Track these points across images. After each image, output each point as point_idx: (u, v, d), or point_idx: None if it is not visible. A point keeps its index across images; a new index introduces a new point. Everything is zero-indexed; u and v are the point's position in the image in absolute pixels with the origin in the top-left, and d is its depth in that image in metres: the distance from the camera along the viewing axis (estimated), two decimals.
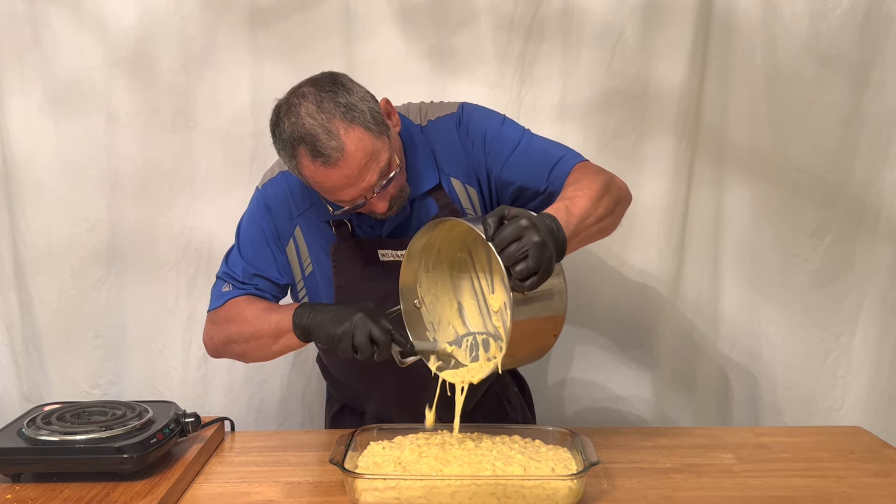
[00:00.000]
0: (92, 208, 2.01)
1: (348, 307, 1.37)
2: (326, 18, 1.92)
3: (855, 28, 1.87)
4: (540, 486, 1.23)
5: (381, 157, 1.35)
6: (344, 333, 1.32)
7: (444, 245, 1.40)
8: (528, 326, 1.25)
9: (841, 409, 2.06)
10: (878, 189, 1.97)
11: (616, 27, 1.89)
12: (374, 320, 1.32)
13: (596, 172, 1.44)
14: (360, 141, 1.32)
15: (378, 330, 1.31)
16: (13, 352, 2.11)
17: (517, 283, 1.18)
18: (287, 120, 1.34)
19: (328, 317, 1.36)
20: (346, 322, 1.32)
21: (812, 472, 1.40)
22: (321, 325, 1.36)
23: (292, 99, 1.35)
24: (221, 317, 1.54)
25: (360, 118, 1.33)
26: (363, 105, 1.34)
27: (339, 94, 1.34)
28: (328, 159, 1.31)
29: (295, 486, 1.35)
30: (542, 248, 1.17)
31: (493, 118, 1.55)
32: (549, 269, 1.18)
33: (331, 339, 1.34)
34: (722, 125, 1.97)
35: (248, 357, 1.57)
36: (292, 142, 1.33)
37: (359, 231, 1.52)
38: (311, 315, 1.39)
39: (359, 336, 1.31)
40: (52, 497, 1.26)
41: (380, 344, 1.31)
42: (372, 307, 1.35)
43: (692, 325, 2.07)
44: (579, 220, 1.30)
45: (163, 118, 1.97)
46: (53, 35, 1.93)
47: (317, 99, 1.33)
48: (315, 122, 1.31)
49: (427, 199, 1.50)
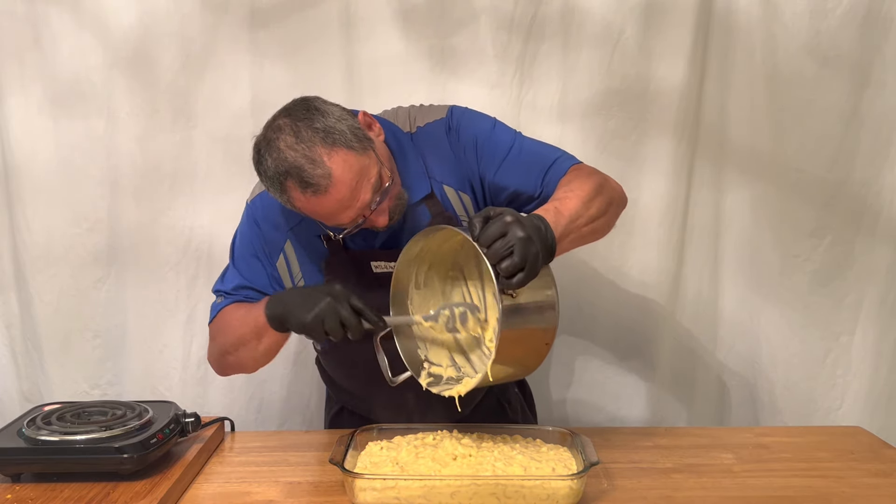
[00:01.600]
0: (92, 208, 2.01)
1: (316, 290, 1.33)
2: (326, 18, 1.92)
3: (855, 28, 1.87)
4: (540, 486, 1.23)
5: (370, 173, 1.33)
6: (314, 320, 1.29)
7: (435, 262, 1.39)
8: (517, 334, 1.23)
9: (841, 409, 2.07)
10: (878, 189, 1.97)
11: (616, 27, 1.89)
12: (341, 302, 1.29)
13: (589, 174, 1.44)
14: (345, 163, 1.30)
15: (346, 312, 1.28)
16: (13, 352, 2.11)
17: (504, 281, 1.17)
18: (269, 157, 1.32)
19: (297, 303, 1.33)
20: (315, 308, 1.29)
21: (812, 472, 1.39)
22: (292, 312, 1.33)
23: (269, 134, 1.33)
24: (213, 331, 1.54)
25: (340, 139, 1.30)
26: (341, 125, 1.32)
27: (315, 120, 1.31)
28: (318, 188, 1.29)
29: (295, 486, 1.35)
30: (527, 242, 1.16)
31: (483, 122, 1.53)
32: (535, 264, 1.17)
33: (303, 327, 1.32)
34: (722, 125, 1.97)
35: (243, 366, 1.54)
36: (278, 177, 1.31)
37: (351, 244, 1.50)
38: (280, 304, 1.36)
39: (329, 321, 1.29)
40: (52, 497, 1.26)
41: (350, 326, 1.29)
42: (339, 289, 1.31)
43: (692, 324, 2.07)
44: (569, 221, 1.29)
45: (163, 118, 1.97)
46: (53, 35, 1.93)
47: (293, 129, 1.31)
48: (297, 153, 1.29)
49: (419, 208, 1.48)
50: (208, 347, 1.56)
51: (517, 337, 1.24)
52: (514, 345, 1.24)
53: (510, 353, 1.25)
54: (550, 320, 1.28)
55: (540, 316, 1.27)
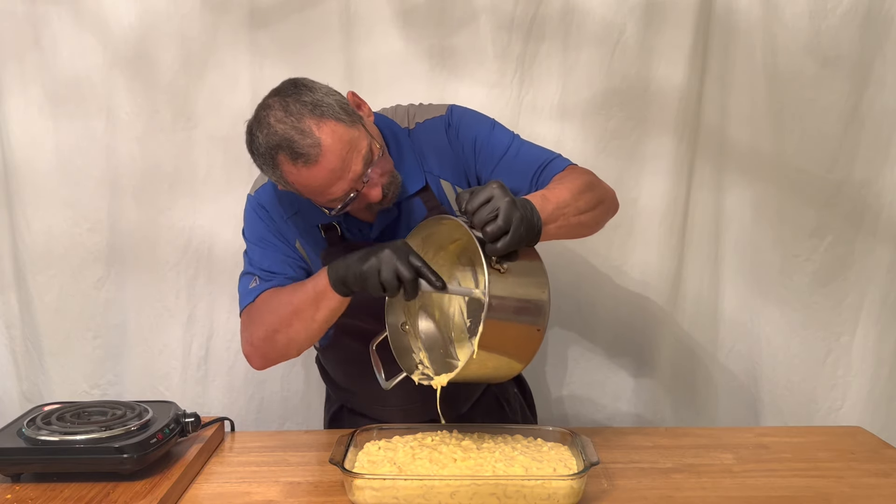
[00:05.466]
0: (92, 208, 2.01)
1: (378, 246, 1.29)
2: (326, 18, 1.92)
3: (855, 28, 1.87)
4: (540, 485, 1.23)
5: (360, 145, 1.34)
6: (369, 269, 1.25)
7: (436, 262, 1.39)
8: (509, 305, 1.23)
9: (841, 409, 2.06)
10: (878, 189, 1.97)
11: (616, 27, 1.89)
12: (400, 257, 1.25)
13: (581, 173, 1.46)
14: (334, 133, 1.32)
15: (404, 267, 1.23)
16: (13, 352, 2.11)
17: (491, 247, 1.20)
18: (260, 133, 1.33)
19: (357, 258, 1.29)
20: (373, 258, 1.26)
21: (812, 472, 1.39)
22: (351, 266, 1.29)
23: (260, 113, 1.35)
24: (253, 313, 1.46)
25: (329, 111, 1.32)
26: (329, 99, 1.34)
27: (303, 94, 1.34)
28: (308, 158, 1.31)
29: (295, 486, 1.35)
30: (511, 206, 1.19)
31: (483, 123, 1.54)
32: (519, 228, 1.20)
33: (359, 278, 1.28)
34: (722, 125, 1.97)
35: (294, 343, 1.44)
36: (270, 152, 1.33)
37: (348, 235, 1.51)
38: (343, 264, 1.32)
39: (385, 272, 1.24)
40: (52, 497, 1.26)
41: (405, 281, 1.24)
42: (401, 244, 1.27)
43: (692, 324, 2.07)
44: (556, 207, 1.30)
45: (163, 118, 1.97)
46: (53, 35, 1.93)
47: (282, 104, 1.33)
48: (286, 125, 1.31)
49: (414, 201, 1.50)
50: (246, 336, 1.47)
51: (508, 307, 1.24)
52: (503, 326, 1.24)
53: (499, 333, 1.24)
54: (541, 304, 1.28)
55: (531, 298, 1.27)
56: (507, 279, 1.23)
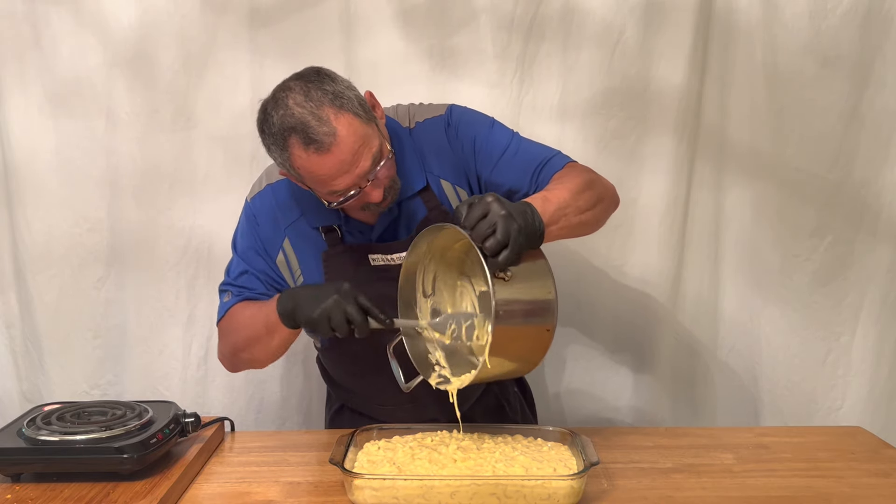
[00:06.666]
0: (92, 208, 2.01)
1: (325, 287, 1.35)
2: (326, 18, 1.92)
3: (855, 28, 1.87)
4: (540, 485, 1.23)
5: (372, 142, 1.35)
6: (320, 315, 1.31)
7: (440, 270, 1.40)
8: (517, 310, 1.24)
9: (841, 409, 2.06)
10: (878, 189, 1.97)
11: (616, 27, 1.89)
12: (348, 299, 1.30)
13: (581, 171, 1.46)
14: (350, 126, 1.32)
15: (353, 309, 1.30)
16: (13, 352, 2.11)
17: (493, 261, 1.20)
18: (276, 113, 1.34)
19: (306, 299, 1.35)
20: (323, 304, 1.31)
21: (812, 472, 1.39)
22: (300, 307, 1.35)
23: (279, 94, 1.36)
24: (224, 329, 1.54)
25: (348, 105, 1.33)
26: (350, 93, 1.36)
27: (326, 83, 1.35)
28: (321, 145, 1.31)
29: (295, 486, 1.35)
30: (508, 219, 1.20)
31: (482, 122, 1.55)
32: (518, 240, 1.20)
33: (310, 322, 1.33)
34: (722, 125, 1.97)
35: (257, 362, 1.54)
36: (283, 133, 1.33)
37: (349, 237, 1.52)
38: (290, 300, 1.37)
39: (335, 318, 1.30)
40: (52, 497, 1.26)
41: (356, 323, 1.30)
42: (347, 286, 1.32)
43: (692, 324, 2.07)
44: (557, 208, 1.31)
45: (163, 118, 1.97)
46: (53, 35, 1.93)
47: (304, 89, 1.34)
48: (305, 110, 1.32)
49: (415, 201, 1.50)
50: (218, 345, 1.57)
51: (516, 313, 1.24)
52: (513, 331, 1.24)
53: (509, 339, 1.25)
54: (549, 304, 1.28)
55: (537, 300, 1.28)
56: (513, 286, 1.24)
